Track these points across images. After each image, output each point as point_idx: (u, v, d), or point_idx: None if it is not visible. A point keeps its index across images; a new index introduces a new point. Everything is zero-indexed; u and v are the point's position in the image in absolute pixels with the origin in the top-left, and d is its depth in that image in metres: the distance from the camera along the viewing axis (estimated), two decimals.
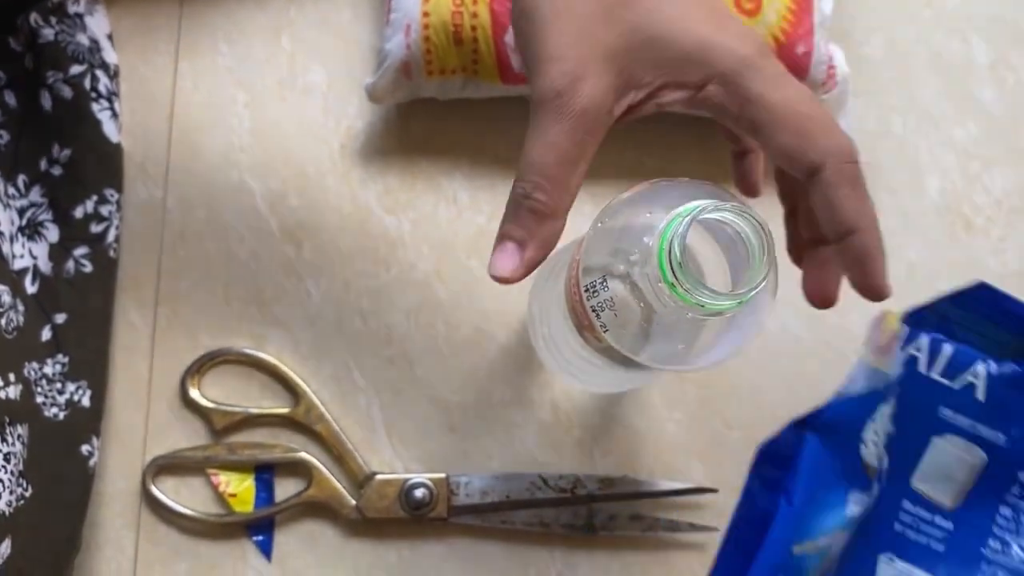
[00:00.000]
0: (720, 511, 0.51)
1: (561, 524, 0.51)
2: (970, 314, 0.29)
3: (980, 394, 0.29)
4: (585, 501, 0.51)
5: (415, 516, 0.51)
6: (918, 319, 0.30)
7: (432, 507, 0.51)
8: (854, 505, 0.27)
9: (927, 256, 0.55)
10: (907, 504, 0.28)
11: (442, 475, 0.51)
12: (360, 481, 0.51)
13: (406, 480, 0.51)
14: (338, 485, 0.51)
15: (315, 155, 0.55)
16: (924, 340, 0.29)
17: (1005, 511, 0.28)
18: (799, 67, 0.51)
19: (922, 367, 0.29)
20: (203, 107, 0.55)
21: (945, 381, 0.29)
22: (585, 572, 0.51)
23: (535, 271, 0.36)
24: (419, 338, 0.53)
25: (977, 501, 0.28)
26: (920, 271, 0.55)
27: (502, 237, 0.35)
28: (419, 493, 0.51)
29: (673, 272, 0.32)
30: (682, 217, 0.33)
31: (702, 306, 0.33)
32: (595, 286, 0.36)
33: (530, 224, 0.35)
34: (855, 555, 0.28)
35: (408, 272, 0.54)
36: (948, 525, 0.27)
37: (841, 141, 0.34)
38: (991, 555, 0.28)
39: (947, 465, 0.28)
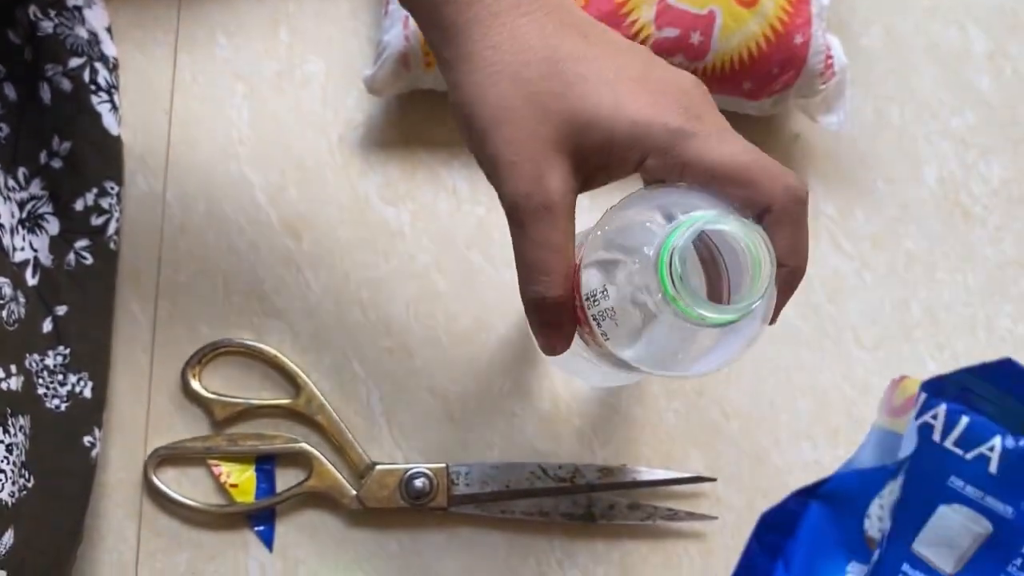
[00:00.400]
0: (718, 500, 0.52)
1: (560, 513, 0.51)
2: (992, 387, 0.30)
3: (993, 467, 0.29)
4: (584, 490, 0.51)
5: (415, 506, 0.51)
6: (937, 388, 0.30)
7: (432, 497, 0.51)
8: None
9: (925, 246, 0.55)
10: (907, 567, 0.28)
11: (442, 465, 0.51)
12: (360, 471, 0.51)
13: (406, 470, 0.51)
14: (339, 475, 0.51)
15: (314, 147, 0.55)
16: (941, 409, 0.29)
17: None
18: (796, 57, 0.51)
19: (936, 436, 0.30)
20: (202, 99, 0.55)
21: (958, 451, 0.29)
22: (584, 561, 0.51)
23: None
24: (419, 329, 0.53)
25: (977, 569, 0.28)
26: (918, 261, 0.55)
27: (540, 327, 0.38)
28: (419, 483, 0.51)
29: (674, 285, 0.32)
30: (683, 229, 0.32)
31: (703, 319, 0.33)
32: (596, 295, 0.36)
33: (553, 315, 0.38)
34: None
35: (408, 263, 0.54)
36: None
37: (787, 182, 0.35)
38: None
39: (951, 532, 0.28)
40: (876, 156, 0.56)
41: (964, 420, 0.29)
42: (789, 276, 0.37)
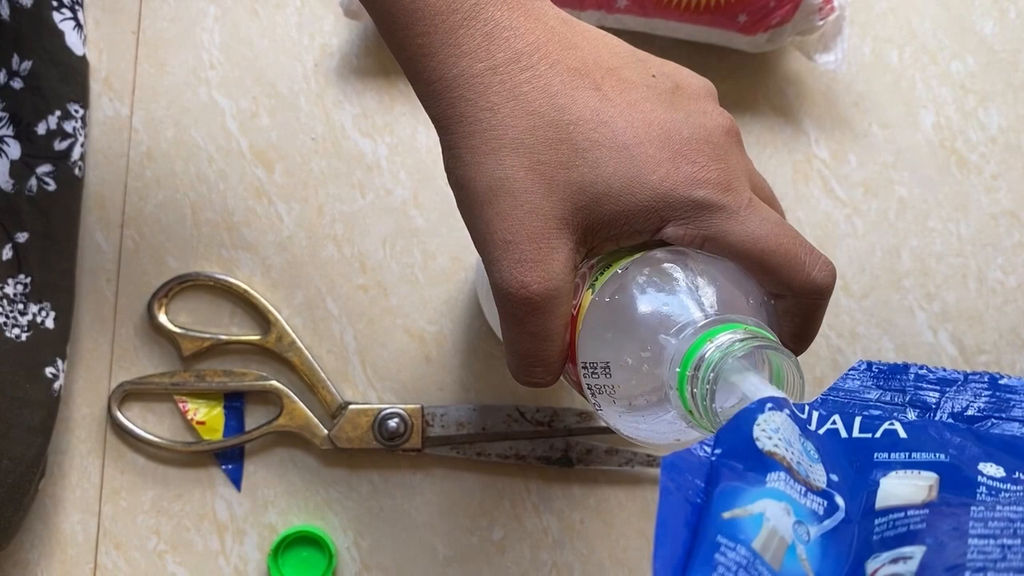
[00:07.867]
0: None
1: (537, 457, 0.50)
2: (862, 385, 0.30)
3: (903, 434, 0.29)
4: (562, 434, 0.50)
5: (389, 447, 0.50)
6: (822, 403, 0.30)
7: (406, 438, 0.50)
8: (775, 482, 0.27)
9: (919, 192, 0.54)
10: (878, 520, 0.28)
11: (417, 406, 0.50)
12: (333, 411, 0.50)
13: (380, 410, 0.50)
14: (310, 414, 0.50)
15: (288, 73, 0.53)
16: (836, 416, 0.29)
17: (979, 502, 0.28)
18: None
19: (843, 433, 0.30)
20: (172, 20, 0.53)
21: (867, 436, 0.30)
22: (561, 505, 0.50)
23: None
24: (395, 266, 0.52)
25: (953, 508, 0.28)
26: (910, 208, 0.54)
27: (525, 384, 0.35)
28: (393, 423, 0.50)
29: (694, 402, 0.30)
30: (711, 345, 0.29)
31: (710, 429, 0.30)
32: (596, 369, 0.33)
33: (539, 381, 0.35)
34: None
35: (384, 198, 0.52)
36: (924, 511, 0.27)
37: (808, 276, 0.33)
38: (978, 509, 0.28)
39: (904, 498, 0.28)
40: (872, 99, 0.54)
41: (857, 418, 0.30)
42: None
